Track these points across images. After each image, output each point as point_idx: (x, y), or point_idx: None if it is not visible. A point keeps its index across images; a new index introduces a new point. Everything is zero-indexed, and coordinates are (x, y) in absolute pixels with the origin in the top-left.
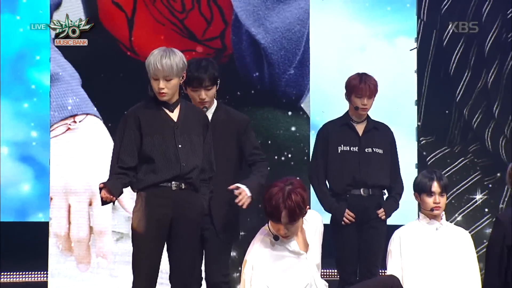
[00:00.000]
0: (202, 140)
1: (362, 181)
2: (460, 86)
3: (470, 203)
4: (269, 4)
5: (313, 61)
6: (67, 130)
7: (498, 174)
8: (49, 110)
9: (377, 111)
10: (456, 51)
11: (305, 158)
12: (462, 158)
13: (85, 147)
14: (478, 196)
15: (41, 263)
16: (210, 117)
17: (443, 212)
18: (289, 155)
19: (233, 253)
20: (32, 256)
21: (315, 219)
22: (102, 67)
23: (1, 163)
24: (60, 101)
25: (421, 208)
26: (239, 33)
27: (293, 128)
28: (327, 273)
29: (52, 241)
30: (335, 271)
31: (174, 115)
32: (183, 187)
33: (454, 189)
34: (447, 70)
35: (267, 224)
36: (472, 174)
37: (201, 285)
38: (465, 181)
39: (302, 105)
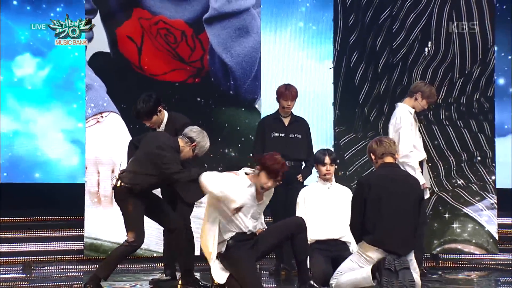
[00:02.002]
0: None
1: (287, 156)
2: (362, 93)
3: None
4: (234, 38)
5: (263, 76)
6: (97, 122)
7: None
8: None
9: (307, 108)
10: (359, 70)
11: None
12: (363, 141)
13: (109, 133)
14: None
15: (80, 210)
16: (163, 128)
17: (333, 177)
18: (248, 139)
19: None
20: (74, 205)
21: None
22: (120, 80)
23: (58, 145)
24: (93, 103)
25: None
26: (213, 57)
27: (250, 121)
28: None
29: (87, 196)
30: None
31: None
32: None
33: (358, 161)
34: (353, 82)
35: (245, 172)
36: None
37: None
38: (364, 157)
39: (256, 106)
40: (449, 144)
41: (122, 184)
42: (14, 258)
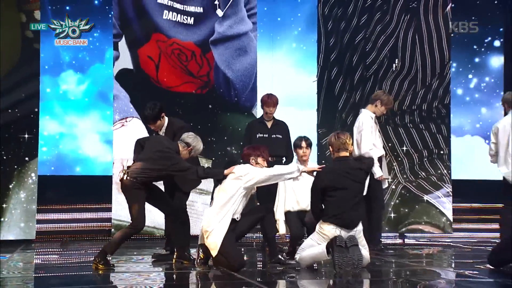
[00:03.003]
0: None
1: (270, 153)
2: (341, 101)
3: None
4: (235, 56)
5: (259, 88)
6: (122, 126)
7: None
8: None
9: (295, 114)
10: (338, 82)
11: None
12: None
13: (131, 135)
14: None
15: (108, 197)
16: (164, 130)
17: (309, 159)
18: None
19: None
20: (105, 192)
21: None
22: (141, 91)
23: (95, 144)
24: (119, 109)
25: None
26: (218, 72)
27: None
28: None
29: (114, 186)
30: None
31: None
32: None
33: None
34: (333, 92)
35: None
36: None
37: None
38: None
39: (253, 112)
40: (412, 143)
41: (128, 177)
42: (53, 235)
